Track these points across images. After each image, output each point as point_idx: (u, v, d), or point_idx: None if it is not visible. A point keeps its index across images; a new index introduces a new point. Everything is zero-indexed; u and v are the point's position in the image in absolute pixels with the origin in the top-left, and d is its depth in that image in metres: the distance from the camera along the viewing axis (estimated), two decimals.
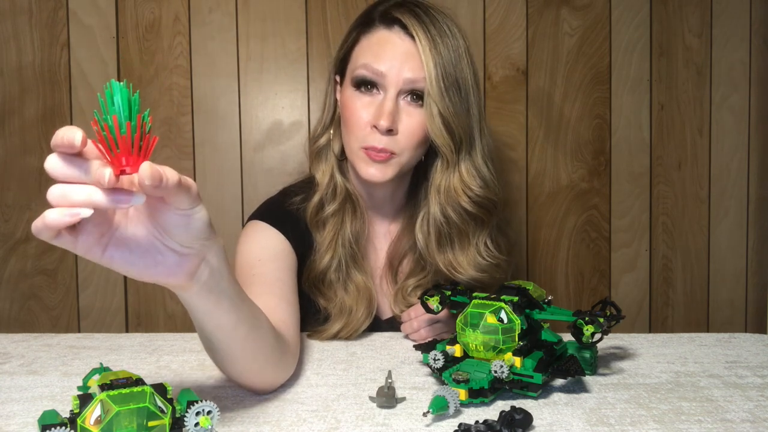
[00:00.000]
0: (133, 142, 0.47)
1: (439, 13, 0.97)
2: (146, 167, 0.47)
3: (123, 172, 0.48)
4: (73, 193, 0.47)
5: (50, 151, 0.48)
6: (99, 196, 0.47)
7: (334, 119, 1.05)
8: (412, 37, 0.94)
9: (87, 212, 0.47)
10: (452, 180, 0.98)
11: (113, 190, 0.48)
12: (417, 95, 0.95)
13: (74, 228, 0.50)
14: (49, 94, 1.47)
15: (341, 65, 1.03)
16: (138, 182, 0.47)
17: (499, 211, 1.04)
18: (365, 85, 0.96)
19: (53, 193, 0.47)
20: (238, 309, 0.64)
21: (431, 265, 1.02)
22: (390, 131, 0.94)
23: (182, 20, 1.47)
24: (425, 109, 0.94)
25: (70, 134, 0.46)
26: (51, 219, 0.47)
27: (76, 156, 0.48)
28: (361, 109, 0.96)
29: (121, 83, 0.47)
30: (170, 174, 0.48)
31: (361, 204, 1.05)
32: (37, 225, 0.48)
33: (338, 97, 1.04)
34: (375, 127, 0.94)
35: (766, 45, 1.52)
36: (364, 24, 1.00)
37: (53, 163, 0.48)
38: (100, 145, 0.48)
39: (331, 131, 1.05)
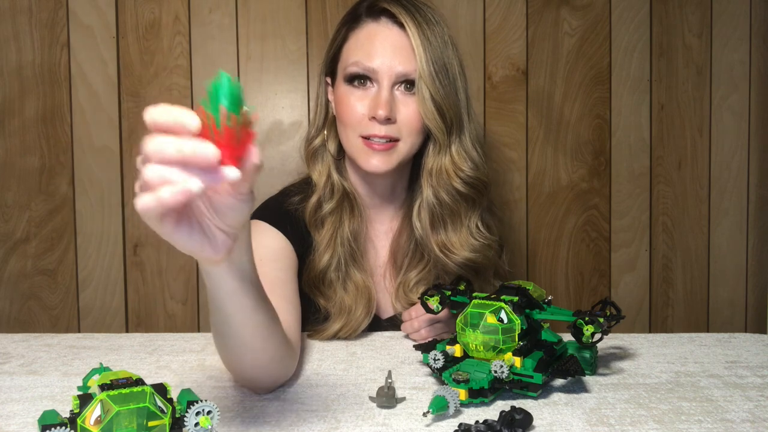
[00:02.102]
0: (237, 135, 0.49)
1: (422, 2, 0.99)
2: (256, 151, 0.50)
3: (223, 163, 0.49)
4: (173, 174, 0.47)
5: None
6: (197, 176, 0.47)
7: (327, 120, 1.06)
8: (401, 25, 0.96)
9: (196, 183, 0.47)
10: (444, 162, 1.00)
11: (213, 168, 0.48)
12: (411, 84, 0.97)
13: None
14: (49, 94, 1.47)
15: (332, 64, 1.04)
16: (248, 165, 0.50)
17: (489, 192, 1.06)
18: (358, 79, 0.97)
19: (152, 173, 0.47)
20: (258, 292, 0.65)
21: (429, 252, 1.03)
22: (388, 120, 0.96)
23: (182, 20, 1.47)
24: (417, 94, 0.96)
25: (184, 119, 0.47)
26: (164, 196, 0.46)
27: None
28: (356, 102, 0.97)
29: (230, 77, 0.48)
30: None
31: (359, 202, 1.05)
32: (147, 205, 0.47)
33: (330, 97, 1.05)
34: (374, 118, 0.96)
35: (766, 45, 1.52)
36: (351, 21, 1.01)
37: (155, 144, 0.47)
38: (206, 133, 0.49)
39: (326, 132, 1.06)
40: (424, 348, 0.79)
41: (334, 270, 1.02)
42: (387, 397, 0.70)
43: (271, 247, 0.97)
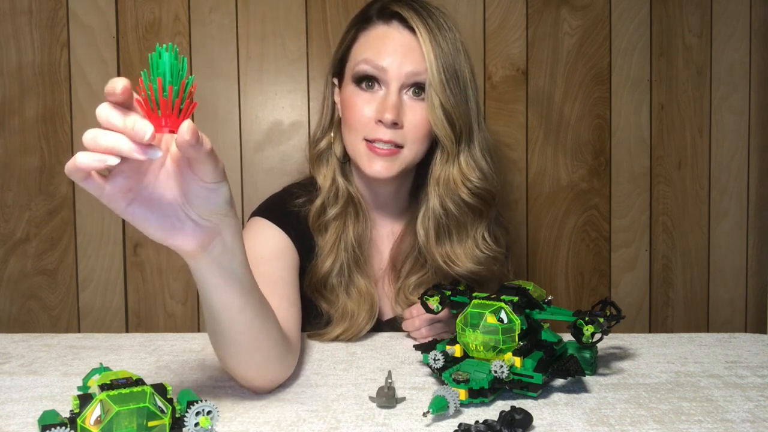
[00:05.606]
0: (174, 105, 0.50)
1: (434, 8, 0.98)
2: (188, 123, 0.51)
3: (161, 131, 0.51)
4: (102, 138, 0.50)
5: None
6: (123, 144, 0.50)
7: (333, 122, 1.05)
8: (412, 29, 0.95)
9: (114, 160, 0.50)
10: (452, 171, 0.99)
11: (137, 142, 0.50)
12: (419, 88, 0.95)
13: (105, 175, 0.53)
14: (49, 94, 1.47)
15: (339, 65, 1.03)
16: (177, 138, 0.51)
17: (497, 204, 1.04)
18: (367, 80, 0.96)
19: (87, 135, 0.51)
20: (248, 293, 0.65)
21: (431, 261, 1.02)
22: (395, 124, 0.94)
23: (182, 20, 1.47)
24: (427, 101, 0.94)
25: (113, 84, 0.50)
26: (80, 161, 0.50)
27: (123, 108, 0.51)
28: (363, 105, 0.96)
29: (168, 48, 0.50)
30: (206, 139, 0.53)
31: (364, 207, 1.04)
32: (68, 166, 0.51)
33: (337, 99, 1.04)
34: (380, 121, 0.94)
35: (766, 45, 1.52)
36: (361, 22, 1.00)
37: (102, 110, 0.51)
38: (143, 103, 0.51)
39: (332, 134, 1.04)
40: (424, 348, 0.79)
41: (337, 275, 1.01)
42: (387, 397, 0.70)
43: (272, 245, 0.96)
